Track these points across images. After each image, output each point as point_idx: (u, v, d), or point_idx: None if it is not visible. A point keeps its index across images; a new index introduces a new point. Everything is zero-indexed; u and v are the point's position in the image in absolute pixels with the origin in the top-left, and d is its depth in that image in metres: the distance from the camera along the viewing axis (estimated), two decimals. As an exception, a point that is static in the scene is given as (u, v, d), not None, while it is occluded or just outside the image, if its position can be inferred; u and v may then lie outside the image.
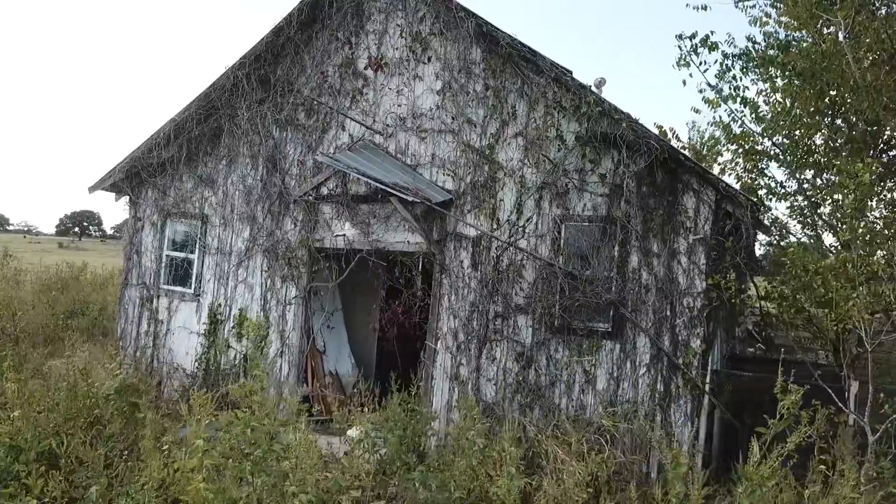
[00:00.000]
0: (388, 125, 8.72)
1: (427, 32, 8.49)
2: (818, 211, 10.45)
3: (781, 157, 10.50)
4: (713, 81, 10.40)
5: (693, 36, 9.93)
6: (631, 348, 7.35)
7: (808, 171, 10.46)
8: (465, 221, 8.08)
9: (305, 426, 6.81)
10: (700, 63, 10.08)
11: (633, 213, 7.32)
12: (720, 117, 10.83)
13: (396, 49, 8.72)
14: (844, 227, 6.16)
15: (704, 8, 10.73)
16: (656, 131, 10.05)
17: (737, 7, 11.28)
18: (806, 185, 10.39)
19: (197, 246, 10.09)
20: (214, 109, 9.66)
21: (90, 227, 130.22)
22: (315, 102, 9.07)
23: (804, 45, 10.30)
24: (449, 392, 8.18)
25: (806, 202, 10.06)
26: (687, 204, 7.14)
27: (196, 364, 9.69)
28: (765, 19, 10.96)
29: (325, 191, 9.01)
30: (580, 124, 7.52)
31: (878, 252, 6.71)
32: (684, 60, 10.06)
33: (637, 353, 7.31)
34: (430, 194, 7.96)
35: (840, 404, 6.02)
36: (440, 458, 5.07)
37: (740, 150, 10.70)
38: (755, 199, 6.88)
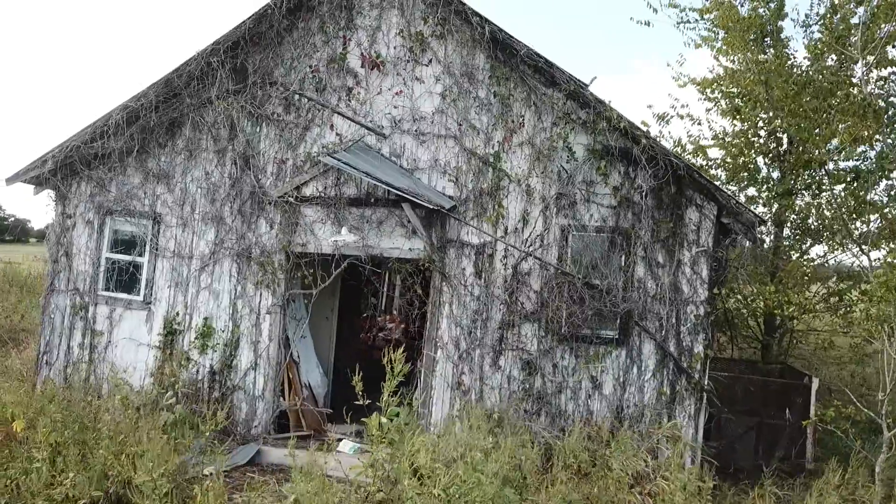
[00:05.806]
0: (382, 126, 8.36)
1: (429, 34, 8.24)
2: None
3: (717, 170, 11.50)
4: None
5: None
6: (637, 354, 7.70)
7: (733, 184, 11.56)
8: (473, 227, 7.98)
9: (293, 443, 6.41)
10: None
11: (641, 225, 7.65)
12: (670, 133, 11.64)
13: (393, 48, 8.38)
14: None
15: (648, 24, 11.48)
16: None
17: (676, 28, 12.23)
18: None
19: (147, 248, 9.01)
20: (176, 98, 8.69)
21: None
22: (299, 97, 8.47)
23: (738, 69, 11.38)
24: (450, 402, 8.05)
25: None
26: (691, 217, 7.60)
27: (151, 380, 8.68)
28: (698, 41, 11.97)
29: (307, 192, 8.46)
30: (594, 137, 7.71)
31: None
32: None
33: (643, 358, 7.67)
34: (439, 201, 7.78)
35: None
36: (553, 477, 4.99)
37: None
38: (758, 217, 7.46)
